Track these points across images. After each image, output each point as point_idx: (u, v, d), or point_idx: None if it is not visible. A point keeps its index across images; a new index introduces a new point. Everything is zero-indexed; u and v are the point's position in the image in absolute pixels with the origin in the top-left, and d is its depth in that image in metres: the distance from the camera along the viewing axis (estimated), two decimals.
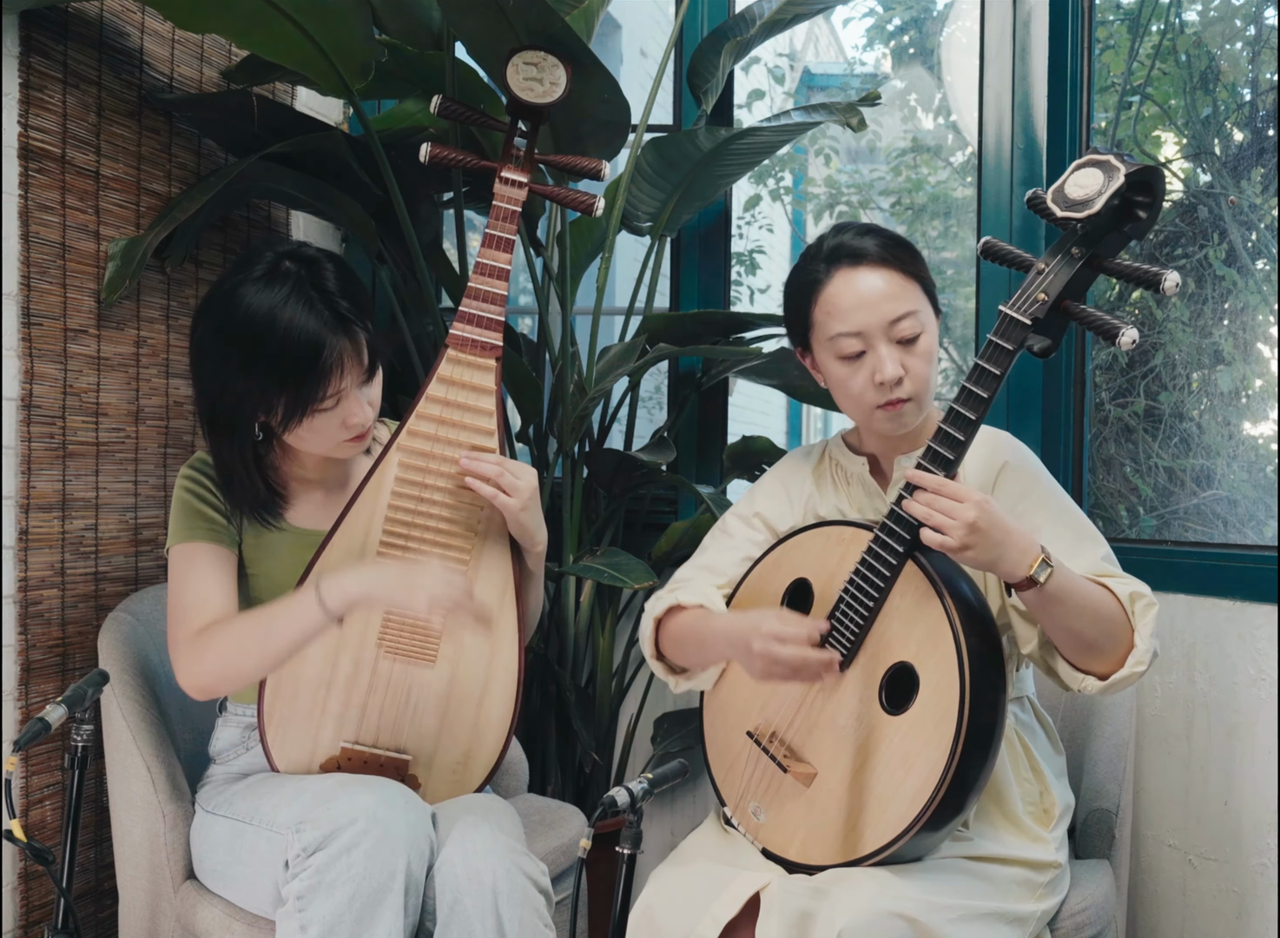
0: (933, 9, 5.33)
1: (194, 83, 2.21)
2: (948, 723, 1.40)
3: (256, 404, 1.60)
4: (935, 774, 1.39)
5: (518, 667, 1.73)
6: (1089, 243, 1.36)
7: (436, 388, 1.68)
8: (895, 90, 5.36)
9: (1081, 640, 1.45)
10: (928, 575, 1.44)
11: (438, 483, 1.68)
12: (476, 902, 1.52)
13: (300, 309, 1.56)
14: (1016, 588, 1.43)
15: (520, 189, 1.70)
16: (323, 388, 1.58)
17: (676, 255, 2.68)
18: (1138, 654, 1.46)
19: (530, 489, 1.67)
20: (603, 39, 5.07)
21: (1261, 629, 1.99)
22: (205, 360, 1.63)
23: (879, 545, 1.47)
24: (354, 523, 1.68)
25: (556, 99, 1.71)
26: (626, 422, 2.54)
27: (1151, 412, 2.65)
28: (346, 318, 1.59)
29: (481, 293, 1.67)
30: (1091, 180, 1.35)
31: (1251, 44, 2.66)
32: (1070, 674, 1.49)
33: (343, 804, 1.52)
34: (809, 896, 1.41)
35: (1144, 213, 1.36)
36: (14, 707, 1.86)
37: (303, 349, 1.56)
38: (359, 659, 1.69)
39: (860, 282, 1.54)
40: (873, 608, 1.47)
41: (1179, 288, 1.32)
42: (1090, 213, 1.34)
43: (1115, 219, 1.36)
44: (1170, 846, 2.10)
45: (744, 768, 1.61)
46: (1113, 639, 1.46)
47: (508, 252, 1.68)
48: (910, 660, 1.45)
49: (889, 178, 5.43)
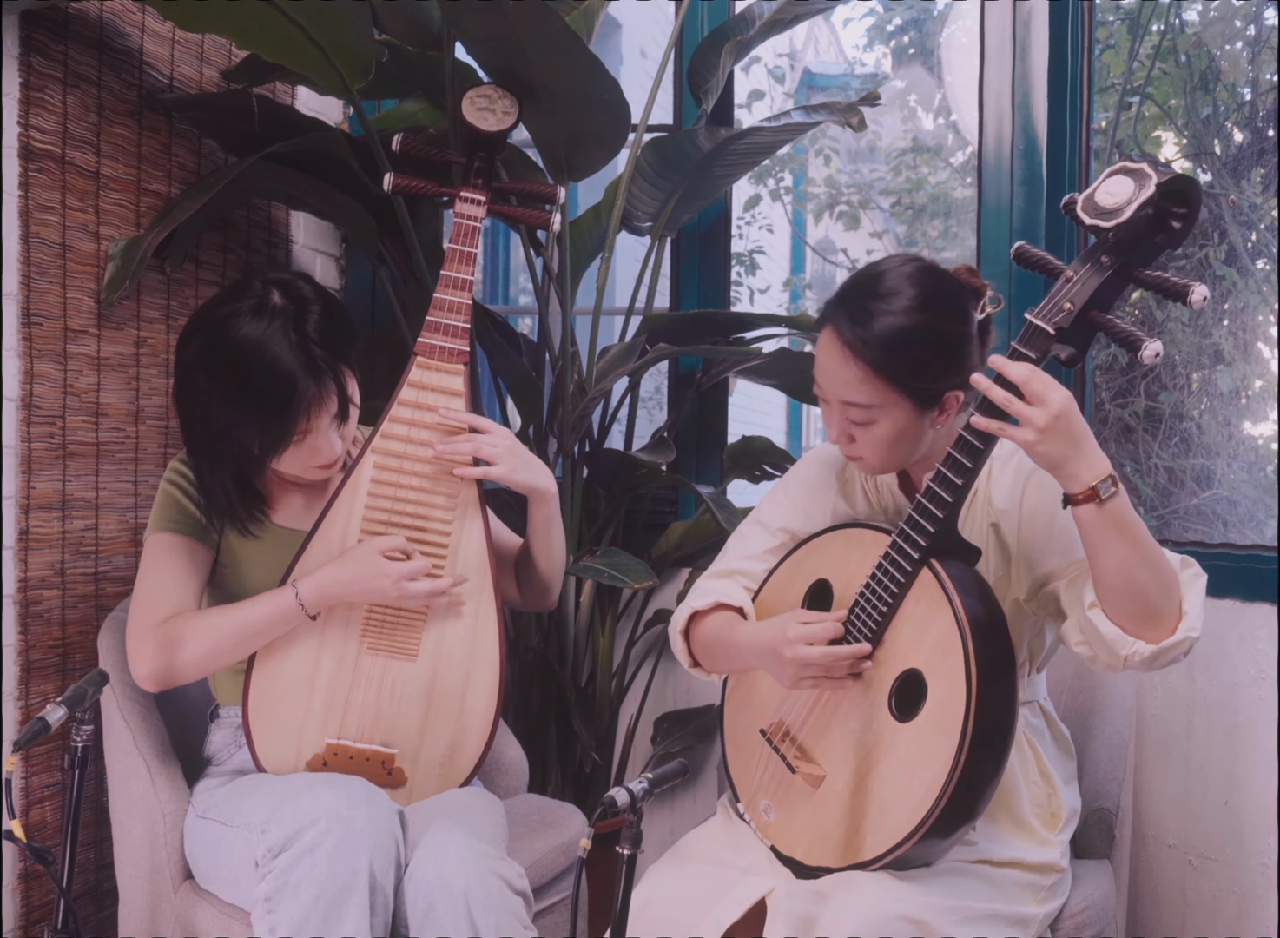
0: (933, 9, 5.34)
1: (194, 83, 2.21)
2: (953, 733, 1.39)
3: (236, 432, 1.64)
4: (938, 784, 1.39)
5: (500, 659, 1.75)
6: (1119, 252, 1.33)
7: (408, 393, 1.74)
8: (895, 90, 5.37)
9: (1136, 584, 1.37)
10: (941, 584, 1.43)
11: (412, 482, 1.73)
12: (449, 908, 1.52)
13: (283, 348, 1.60)
14: (1075, 502, 1.36)
15: (479, 207, 1.81)
16: (294, 427, 1.63)
17: (676, 255, 2.68)
18: (1189, 620, 1.39)
19: (509, 446, 1.73)
20: (603, 39, 5.07)
21: (1261, 629, 1.99)
22: (188, 385, 1.66)
23: (896, 551, 1.45)
24: (331, 525, 1.71)
25: (508, 127, 1.83)
26: (626, 422, 2.54)
27: (1151, 412, 2.65)
28: (319, 367, 1.61)
29: (447, 303, 1.76)
30: (1122, 188, 1.32)
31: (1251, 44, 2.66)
32: (1119, 639, 1.40)
33: (305, 804, 1.52)
34: (812, 900, 1.41)
35: (1178, 224, 1.33)
36: (14, 707, 1.86)
37: (278, 388, 1.60)
38: (341, 656, 1.71)
39: (826, 354, 1.48)
40: (886, 613, 1.46)
41: (1207, 301, 1.29)
42: (1119, 221, 1.31)
43: (1147, 228, 1.32)
44: (1170, 846, 2.10)
45: (757, 765, 1.61)
46: (1165, 593, 1.38)
47: (470, 264, 1.78)
48: (920, 668, 1.44)
49: (889, 178, 5.43)
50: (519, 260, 4.02)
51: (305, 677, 1.71)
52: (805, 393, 2.54)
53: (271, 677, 1.70)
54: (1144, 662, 1.40)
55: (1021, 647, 1.61)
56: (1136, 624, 1.39)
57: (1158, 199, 1.30)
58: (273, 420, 1.62)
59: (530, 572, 1.88)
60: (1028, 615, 1.59)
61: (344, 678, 1.71)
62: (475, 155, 1.84)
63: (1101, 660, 1.44)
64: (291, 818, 1.51)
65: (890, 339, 1.43)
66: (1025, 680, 1.63)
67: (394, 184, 1.86)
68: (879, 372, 1.44)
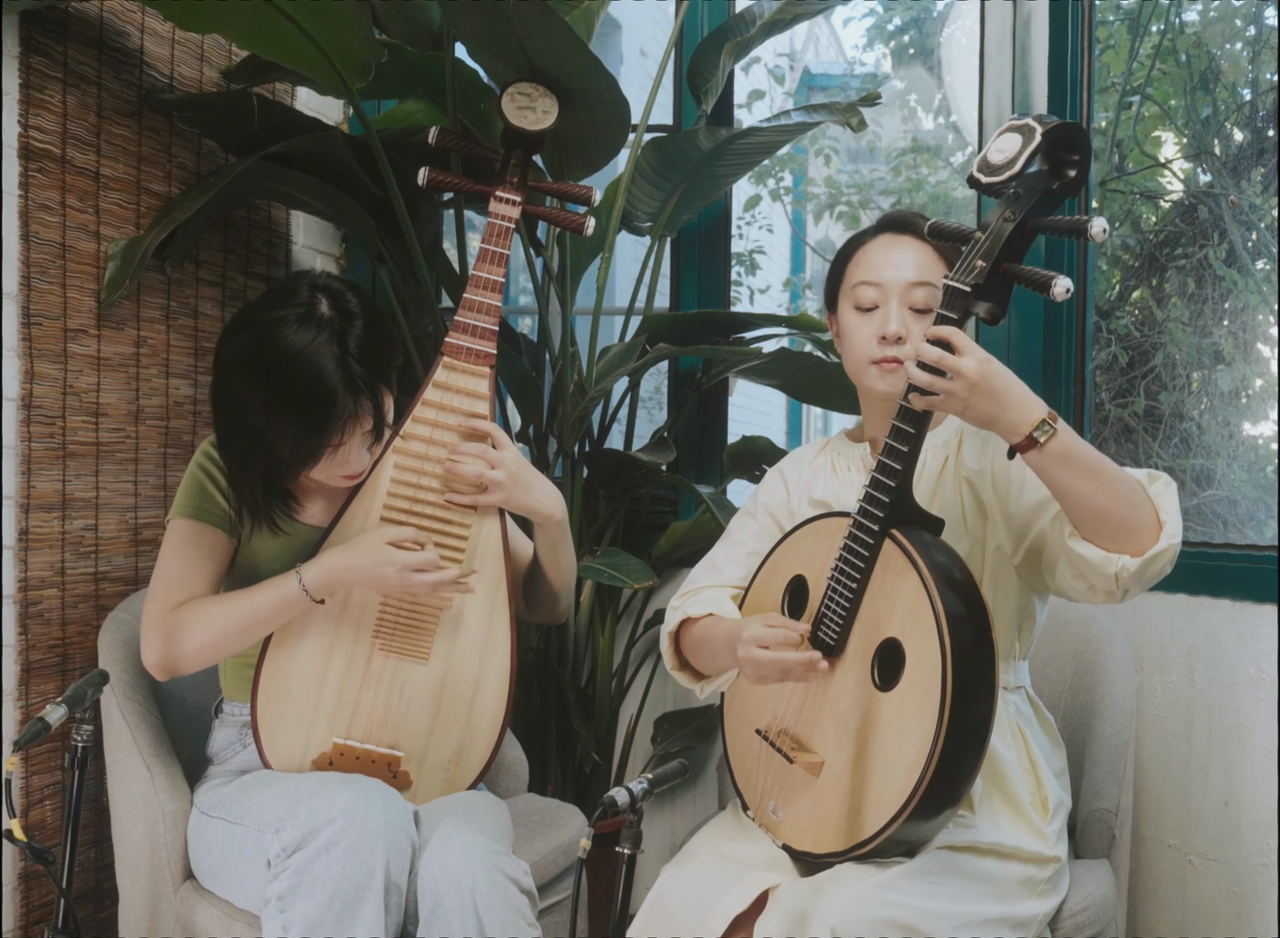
0: (933, 9, 5.34)
1: (194, 83, 2.21)
2: (934, 690, 1.40)
3: (269, 439, 1.62)
4: (927, 742, 1.39)
5: (510, 666, 1.75)
6: (1020, 205, 1.39)
7: (432, 393, 1.73)
8: (895, 90, 5.37)
9: (1101, 510, 1.41)
10: (903, 549, 1.45)
11: (431, 484, 1.72)
12: (456, 904, 1.52)
13: (327, 361, 1.59)
14: (1019, 449, 1.41)
15: (514, 207, 1.78)
16: (326, 440, 1.62)
17: (676, 255, 2.68)
18: (1169, 529, 1.42)
19: (512, 472, 1.71)
20: (603, 39, 5.08)
21: (1261, 629, 1.99)
22: (227, 383, 1.64)
23: (858, 527, 1.49)
24: (350, 521, 1.71)
25: (548, 127, 1.80)
26: (626, 422, 2.54)
27: (1151, 412, 2.66)
28: (358, 385, 1.61)
29: (477, 304, 1.74)
30: (1010, 144, 1.40)
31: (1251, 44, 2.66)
32: (1104, 558, 1.43)
33: (321, 803, 1.52)
34: (810, 896, 1.42)
35: (1073, 171, 1.40)
36: (14, 707, 1.86)
37: (318, 401, 1.59)
38: (353, 655, 1.71)
39: (895, 245, 1.64)
40: (856, 590, 1.49)
41: (1106, 232, 1.35)
42: (1012, 174, 1.39)
43: (1043, 179, 1.40)
44: (1170, 846, 2.10)
45: (759, 767, 1.62)
46: (1135, 510, 1.42)
47: (502, 265, 1.76)
48: (897, 635, 1.46)
49: (889, 178, 5.43)
50: (519, 260, 4.01)
51: (315, 675, 1.71)
52: (805, 393, 2.55)
53: (282, 673, 1.70)
54: (1134, 576, 1.43)
55: (1010, 626, 1.64)
56: (1117, 542, 1.43)
57: (1046, 148, 1.38)
58: (308, 433, 1.61)
59: (539, 587, 1.88)
60: (1016, 581, 1.62)
61: (354, 678, 1.71)
62: (511, 154, 1.82)
63: (1099, 588, 1.47)
64: (307, 817, 1.51)
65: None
66: (1013, 667, 1.66)
67: (429, 178, 1.82)
68: (941, 256, 1.62)
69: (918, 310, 1.60)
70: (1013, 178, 1.39)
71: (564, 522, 1.80)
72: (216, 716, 1.84)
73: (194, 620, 1.66)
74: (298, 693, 1.70)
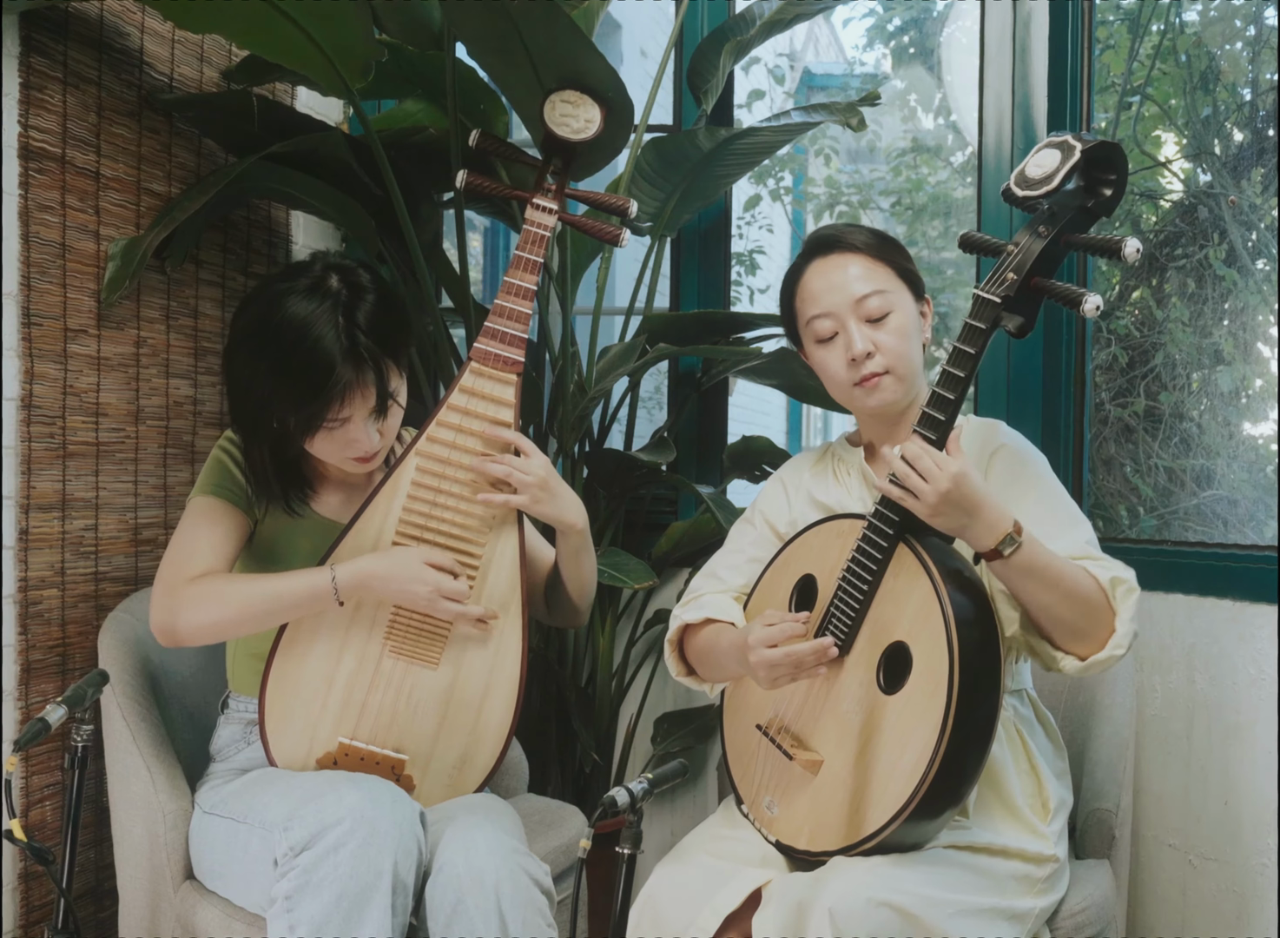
0: (933, 9, 5.33)
1: (194, 83, 2.21)
2: (939, 695, 1.41)
3: (274, 406, 1.65)
4: (929, 747, 1.40)
5: (520, 675, 1.75)
6: (1055, 221, 1.41)
7: (458, 398, 1.73)
8: (895, 90, 5.37)
9: (1056, 618, 1.48)
10: (916, 554, 1.47)
11: (452, 489, 1.72)
12: (480, 903, 1.52)
13: (328, 329, 1.61)
14: (985, 558, 1.47)
15: (551, 215, 1.77)
16: (328, 410, 1.63)
17: (676, 255, 2.68)
18: (1117, 638, 1.48)
19: (541, 478, 1.71)
20: (603, 39, 5.07)
21: (1261, 629, 1.99)
22: (237, 354, 1.68)
23: (872, 530, 1.50)
24: (370, 519, 1.71)
25: (589, 137, 1.79)
26: (626, 422, 2.54)
27: (1151, 412, 2.66)
28: (360, 355, 1.62)
29: (508, 311, 1.73)
30: (1049, 160, 1.40)
31: (1251, 44, 2.66)
32: (1049, 654, 1.51)
33: (330, 803, 1.52)
34: (807, 886, 1.42)
35: (1109, 190, 1.41)
36: (14, 707, 1.86)
37: (317, 368, 1.61)
38: (363, 656, 1.71)
39: (830, 268, 1.64)
40: (867, 591, 1.50)
41: (1139, 253, 1.35)
42: (1049, 189, 1.39)
43: (1078, 196, 1.41)
44: (1170, 846, 2.10)
45: (757, 763, 1.63)
46: (1091, 620, 1.48)
47: (535, 273, 1.74)
48: (904, 639, 1.47)
49: (889, 178, 5.43)
50: None
51: (325, 673, 1.70)
52: (805, 393, 2.55)
53: (292, 669, 1.70)
54: (1073, 673, 1.51)
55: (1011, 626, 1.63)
56: (1065, 642, 1.50)
57: (1084, 166, 1.39)
58: (307, 399, 1.62)
59: (559, 593, 1.88)
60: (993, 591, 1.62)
61: (363, 679, 1.71)
62: (550, 162, 1.81)
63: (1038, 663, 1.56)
64: (315, 817, 1.51)
65: (873, 231, 1.66)
66: (1012, 669, 1.66)
67: (467, 182, 1.82)
68: (875, 257, 1.63)
69: (873, 319, 1.61)
70: (1049, 193, 1.39)
71: (586, 531, 1.80)
72: (222, 711, 1.84)
73: (217, 595, 1.65)
74: (306, 690, 1.70)
